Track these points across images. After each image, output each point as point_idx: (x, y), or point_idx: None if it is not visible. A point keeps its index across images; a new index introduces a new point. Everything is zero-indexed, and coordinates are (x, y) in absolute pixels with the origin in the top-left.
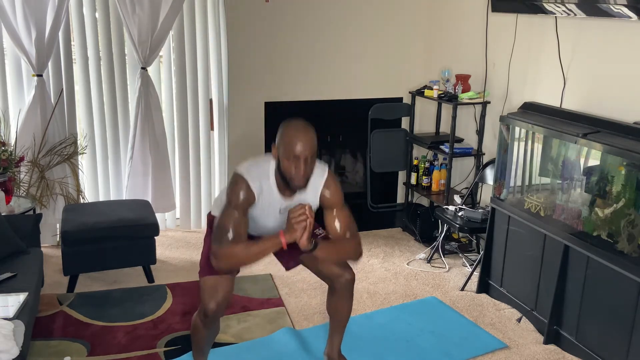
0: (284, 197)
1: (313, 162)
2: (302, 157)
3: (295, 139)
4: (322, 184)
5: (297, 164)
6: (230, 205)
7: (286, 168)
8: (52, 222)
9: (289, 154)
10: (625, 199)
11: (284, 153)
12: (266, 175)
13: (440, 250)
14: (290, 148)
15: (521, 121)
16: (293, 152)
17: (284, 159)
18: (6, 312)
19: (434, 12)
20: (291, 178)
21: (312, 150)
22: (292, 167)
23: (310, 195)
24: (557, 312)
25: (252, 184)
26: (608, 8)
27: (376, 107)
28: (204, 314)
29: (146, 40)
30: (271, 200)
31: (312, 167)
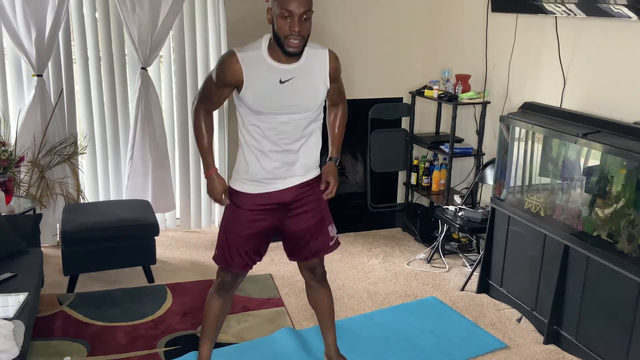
0: (284, 64)
1: (309, 22)
2: (297, 13)
3: None
4: (327, 55)
5: (292, 22)
6: (213, 75)
7: (280, 27)
8: (52, 222)
9: (283, 11)
10: (625, 199)
11: (278, 10)
12: (258, 47)
13: (440, 250)
14: (283, 4)
15: (521, 121)
16: (287, 8)
17: (279, 17)
18: (6, 312)
19: (434, 12)
20: (285, 37)
21: (308, 6)
22: (286, 26)
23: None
24: (557, 312)
25: (241, 54)
26: (608, 8)
27: (376, 107)
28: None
29: (146, 40)
30: (267, 73)
31: (309, 27)
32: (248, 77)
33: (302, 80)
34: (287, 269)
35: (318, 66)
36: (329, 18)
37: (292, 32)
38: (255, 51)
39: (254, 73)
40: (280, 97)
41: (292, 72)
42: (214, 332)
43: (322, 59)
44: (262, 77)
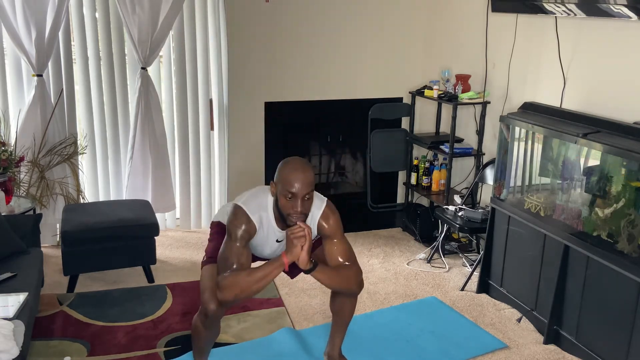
0: (282, 228)
1: (310, 200)
2: (300, 196)
3: (293, 178)
4: (320, 215)
5: (295, 203)
6: (232, 237)
7: (284, 206)
8: (52, 222)
9: (287, 193)
10: (625, 199)
11: (282, 191)
12: (265, 207)
13: (440, 250)
14: (287, 187)
15: (521, 121)
16: (290, 191)
17: (282, 196)
18: (6, 312)
19: (434, 12)
20: (289, 215)
21: (309, 188)
22: (289, 206)
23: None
24: (557, 312)
25: (252, 217)
26: (608, 8)
27: (376, 107)
28: (204, 314)
29: (146, 40)
30: (269, 231)
31: (310, 205)
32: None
33: None
34: None
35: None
36: (329, 18)
37: (295, 211)
38: (263, 214)
39: (261, 233)
40: (274, 250)
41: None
42: (206, 349)
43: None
44: (265, 236)
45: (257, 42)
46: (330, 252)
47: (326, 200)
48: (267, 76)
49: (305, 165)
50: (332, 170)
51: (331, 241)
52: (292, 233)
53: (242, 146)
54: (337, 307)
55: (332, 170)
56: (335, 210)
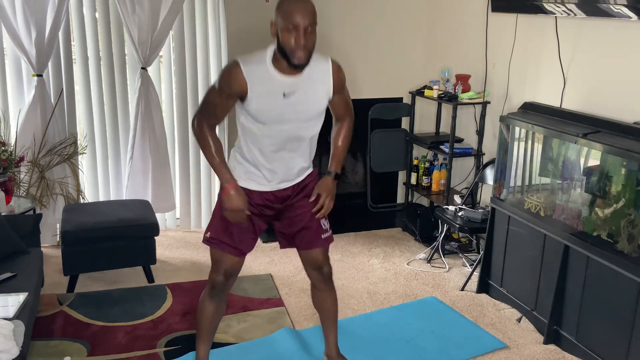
0: (288, 75)
1: (314, 35)
2: (302, 26)
3: (294, 8)
4: (331, 67)
5: (297, 35)
6: (218, 85)
7: (285, 40)
8: (52, 222)
9: (288, 24)
10: (625, 199)
11: (283, 24)
12: (262, 60)
13: (440, 250)
14: (288, 18)
15: (521, 121)
16: (292, 21)
17: (283, 30)
18: (6, 312)
19: (434, 12)
20: (291, 50)
21: (312, 19)
22: (291, 39)
23: (320, 82)
24: (557, 312)
25: (245, 68)
26: (608, 8)
27: (376, 107)
28: (211, 285)
29: (146, 40)
30: (270, 86)
31: (314, 41)
32: (252, 89)
33: (305, 93)
34: (287, 269)
35: (321, 78)
36: (329, 18)
37: (297, 45)
38: (259, 64)
39: (258, 86)
40: (283, 109)
41: (295, 85)
42: (210, 335)
43: (325, 70)
44: (266, 90)
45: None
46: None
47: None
48: None
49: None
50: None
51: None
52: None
53: None
54: (319, 302)
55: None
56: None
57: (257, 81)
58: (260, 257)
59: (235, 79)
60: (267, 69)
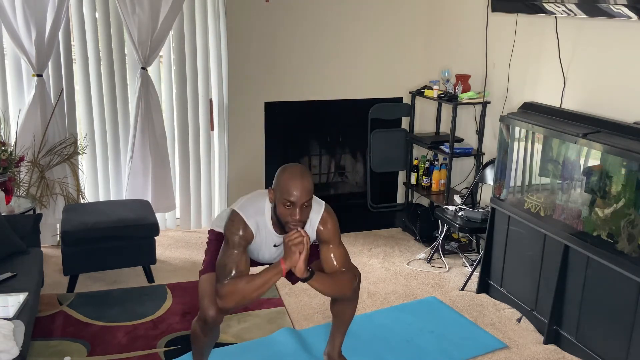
0: (279, 233)
1: (309, 208)
2: (299, 204)
3: (292, 186)
4: (318, 220)
5: (293, 211)
6: (229, 244)
7: (282, 213)
8: (52, 222)
9: (285, 201)
10: (625, 199)
11: (280, 199)
12: (262, 212)
13: (440, 250)
14: (286, 195)
15: (521, 121)
16: (289, 199)
17: (280, 204)
18: (6, 312)
19: (434, 12)
20: (287, 223)
21: (308, 197)
22: (287, 213)
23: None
24: (557, 312)
25: (249, 222)
26: (608, 8)
27: (376, 107)
28: (203, 320)
29: (146, 40)
30: (267, 236)
31: (308, 213)
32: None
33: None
34: None
35: (309, 227)
36: (329, 18)
37: (293, 219)
38: (260, 218)
39: (258, 238)
40: (272, 255)
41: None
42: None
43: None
44: (263, 241)
45: (257, 42)
46: (327, 258)
47: (324, 205)
48: (267, 76)
49: (305, 172)
50: (332, 170)
51: (327, 246)
52: (289, 240)
53: (242, 146)
54: (338, 310)
55: (332, 170)
56: (333, 215)
57: (258, 234)
58: None
59: (245, 231)
60: (267, 226)
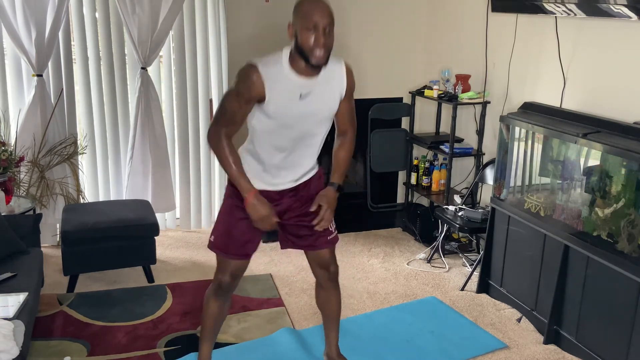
0: (304, 77)
1: (332, 36)
2: (321, 25)
3: (313, 9)
4: (345, 72)
5: (317, 35)
6: (234, 90)
7: (305, 41)
8: (52, 222)
9: (308, 24)
10: (625, 199)
11: (302, 24)
12: (278, 61)
13: (440, 250)
14: (308, 17)
15: (521, 121)
16: (312, 21)
17: (303, 30)
18: (6, 312)
19: (434, 12)
20: (311, 50)
21: (330, 18)
22: (311, 38)
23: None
24: (557, 312)
25: (262, 69)
26: (608, 8)
27: (376, 107)
28: (217, 284)
29: (146, 40)
30: (288, 87)
31: (332, 42)
32: (270, 91)
33: (321, 94)
34: (287, 269)
35: (335, 80)
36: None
37: (317, 44)
38: (276, 65)
39: (276, 88)
40: (299, 110)
41: (311, 86)
42: (214, 334)
43: (339, 71)
44: (284, 92)
45: (257, 43)
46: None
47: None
48: None
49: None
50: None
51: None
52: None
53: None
54: (323, 301)
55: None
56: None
57: (274, 83)
58: (260, 257)
59: (253, 81)
60: (284, 71)
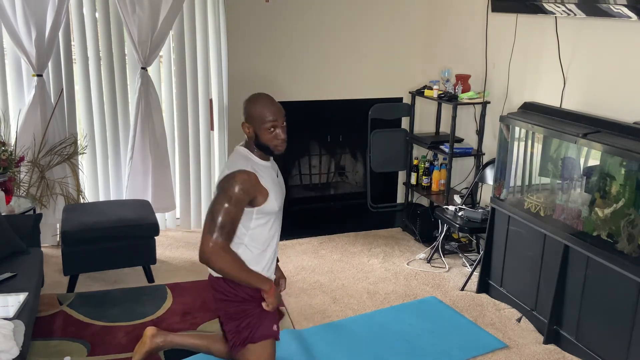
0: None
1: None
2: (280, 122)
3: (269, 109)
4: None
5: (278, 132)
6: (231, 198)
7: (269, 140)
8: (52, 222)
9: (267, 125)
10: (625, 199)
11: (262, 125)
12: (249, 158)
13: (440, 250)
14: (266, 119)
15: (521, 121)
16: (270, 122)
17: (264, 131)
18: (6, 312)
19: (434, 12)
20: (275, 145)
21: (283, 111)
22: (272, 137)
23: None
24: (557, 312)
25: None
26: (608, 8)
27: (376, 107)
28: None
29: (146, 40)
30: (268, 173)
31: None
32: (266, 183)
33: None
34: (286, 269)
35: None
36: (329, 18)
37: (281, 140)
38: (250, 162)
39: (264, 177)
40: (281, 188)
41: (273, 165)
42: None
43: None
44: (269, 178)
45: (257, 42)
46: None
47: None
48: (267, 76)
49: (269, 95)
50: (332, 170)
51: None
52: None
53: None
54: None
55: (332, 170)
56: None
57: (262, 175)
58: None
59: (252, 180)
60: (257, 163)
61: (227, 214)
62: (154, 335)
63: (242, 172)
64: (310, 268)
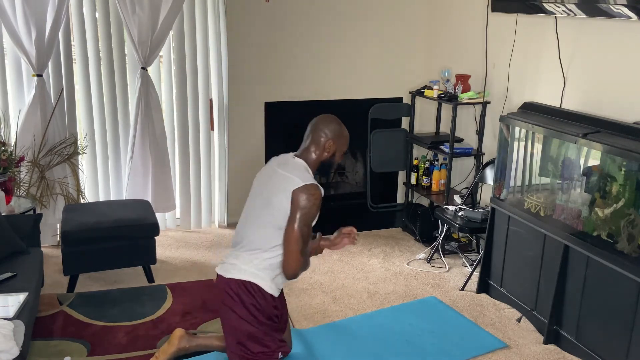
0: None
1: None
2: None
3: (348, 136)
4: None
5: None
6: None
7: (338, 159)
8: (52, 222)
9: (345, 148)
10: (625, 199)
11: (343, 147)
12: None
13: (440, 250)
14: (345, 144)
15: (521, 121)
16: (346, 146)
17: (340, 152)
18: (6, 312)
19: (434, 12)
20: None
21: None
22: (340, 158)
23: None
24: (557, 312)
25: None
26: (608, 8)
27: (376, 107)
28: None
29: (146, 40)
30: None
31: None
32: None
33: None
34: None
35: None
36: (329, 18)
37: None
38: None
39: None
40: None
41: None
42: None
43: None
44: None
45: (257, 42)
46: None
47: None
48: (267, 76)
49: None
50: (332, 170)
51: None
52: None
53: (242, 146)
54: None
55: (332, 170)
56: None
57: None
58: None
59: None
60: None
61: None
62: (182, 337)
63: (317, 188)
64: (310, 268)
